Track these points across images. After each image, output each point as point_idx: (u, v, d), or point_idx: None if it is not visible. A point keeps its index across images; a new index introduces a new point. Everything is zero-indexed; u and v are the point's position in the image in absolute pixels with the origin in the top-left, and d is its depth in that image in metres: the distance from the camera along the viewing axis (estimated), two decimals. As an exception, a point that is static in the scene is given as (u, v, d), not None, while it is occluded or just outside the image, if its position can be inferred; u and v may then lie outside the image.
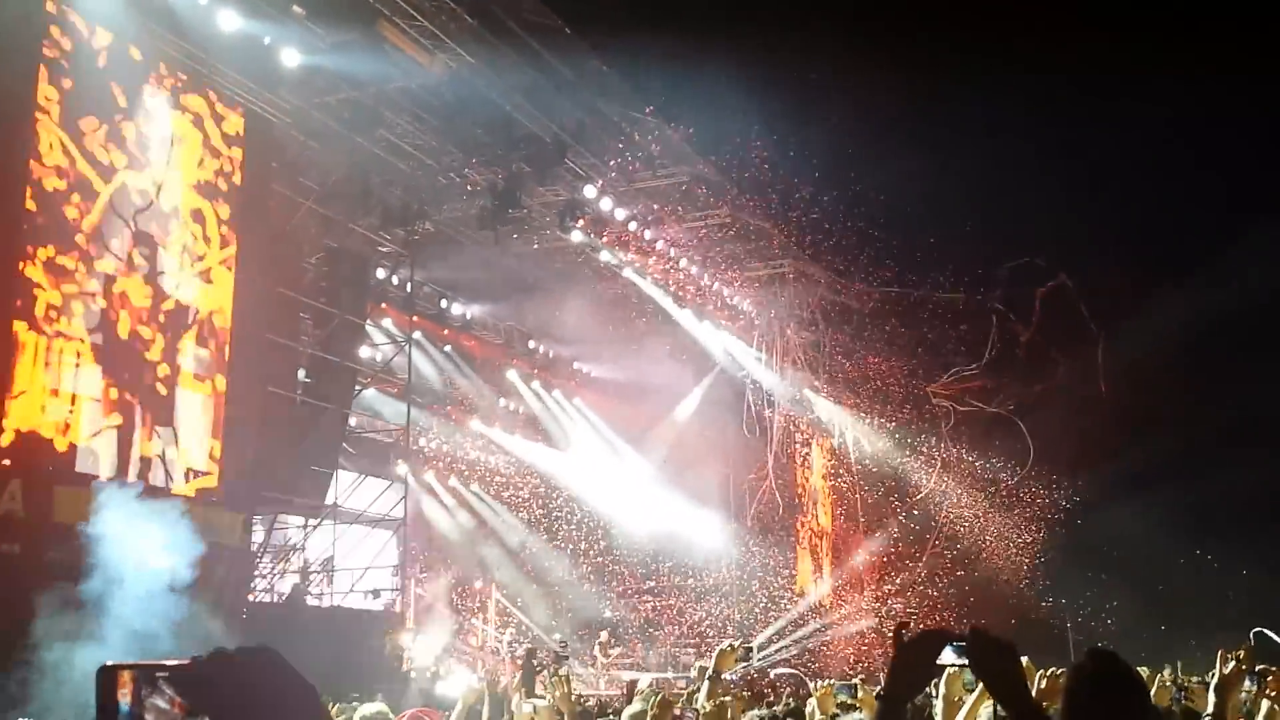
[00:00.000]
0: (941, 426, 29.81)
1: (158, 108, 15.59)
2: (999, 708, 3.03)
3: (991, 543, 30.55)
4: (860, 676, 10.98)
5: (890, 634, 2.88)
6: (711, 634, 26.46)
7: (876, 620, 28.28)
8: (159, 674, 1.66)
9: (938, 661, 2.77)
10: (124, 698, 1.65)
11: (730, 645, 6.43)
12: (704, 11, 23.53)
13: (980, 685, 4.89)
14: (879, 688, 2.84)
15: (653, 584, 29.95)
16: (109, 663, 1.66)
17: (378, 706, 7.07)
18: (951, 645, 2.76)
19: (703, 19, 22.99)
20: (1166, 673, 7.52)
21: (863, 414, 30.44)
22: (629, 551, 29.84)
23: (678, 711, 5.56)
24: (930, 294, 27.41)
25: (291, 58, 17.21)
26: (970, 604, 29.27)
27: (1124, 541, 28.97)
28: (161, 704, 1.66)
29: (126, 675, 1.66)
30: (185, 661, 1.67)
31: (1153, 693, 6.88)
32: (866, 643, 27.82)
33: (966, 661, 2.76)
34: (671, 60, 20.39)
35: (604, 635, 24.85)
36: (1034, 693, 5.92)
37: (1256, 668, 4.55)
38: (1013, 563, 30.36)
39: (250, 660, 1.67)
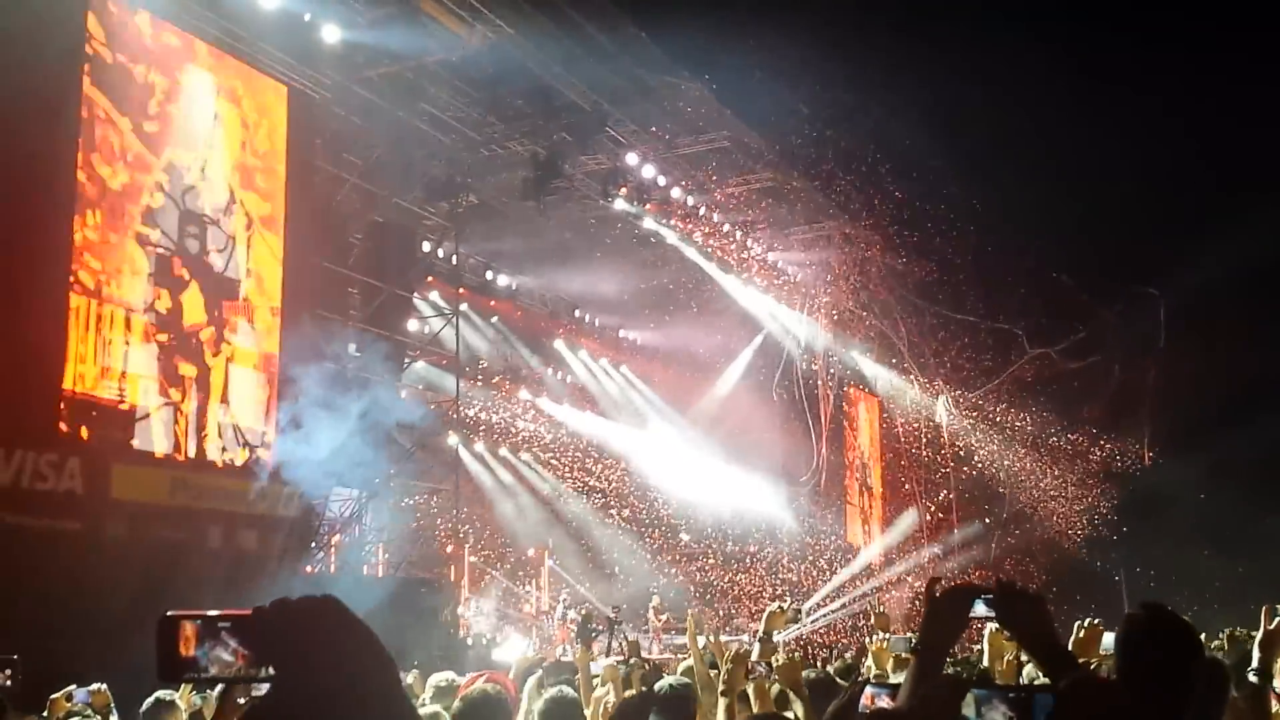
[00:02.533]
0: (989, 387, 29.65)
1: (201, 87, 15.73)
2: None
3: (1047, 499, 30.34)
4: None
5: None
6: (765, 597, 26.50)
7: (927, 580, 28.13)
8: (221, 624, 1.66)
9: (970, 614, 2.85)
10: (186, 648, 1.67)
11: (779, 607, 6.48)
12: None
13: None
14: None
15: (705, 548, 30.00)
16: (170, 612, 1.67)
17: (448, 675, 7.18)
18: (981, 598, 2.84)
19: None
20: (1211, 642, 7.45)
21: (911, 376, 30.25)
22: (680, 516, 29.92)
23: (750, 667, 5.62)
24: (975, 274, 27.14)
25: (332, 33, 17.26)
26: (1026, 561, 29.14)
27: (1180, 496, 28.68)
28: (224, 655, 1.66)
29: (188, 625, 1.67)
30: (246, 611, 1.66)
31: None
32: (921, 601, 27.73)
33: (994, 613, 2.85)
34: (710, 23, 20.24)
35: (656, 600, 24.95)
36: (1071, 644, 5.91)
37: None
38: (1068, 519, 30.15)
39: (312, 608, 1.66)
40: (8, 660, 6.60)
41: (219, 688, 4.94)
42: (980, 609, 2.83)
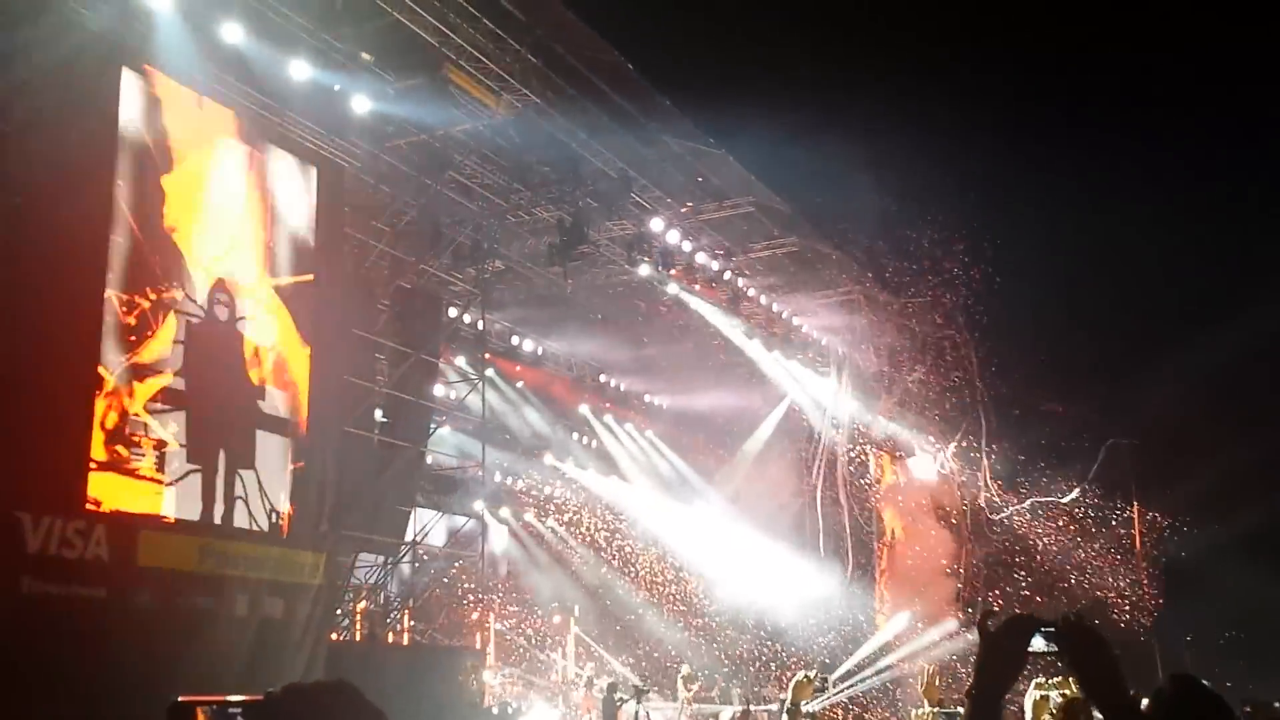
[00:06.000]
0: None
1: (233, 158, 15.94)
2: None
3: (1077, 569, 29.98)
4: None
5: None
6: (792, 667, 26.18)
7: (980, 614, 27.72)
8: (232, 709, 1.66)
9: (1028, 649, 2.67)
10: None
11: (806, 676, 6.43)
12: (767, 43, 23.53)
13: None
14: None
15: (731, 618, 29.73)
16: (181, 698, 1.66)
17: None
18: (1040, 632, 2.66)
19: (766, 50, 23.00)
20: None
21: (939, 442, 30.06)
22: (705, 585, 29.69)
23: None
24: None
25: (361, 104, 17.49)
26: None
27: (1215, 567, 28.34)
28: None
29: (200, 712, 1.66)
30: (259, 697, 1.66)
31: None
32: (951, 670, 27.35)
33: (1056, 648, 2.65)
34: (736, 90, 20.44)
35: (685, 669, 24.71)
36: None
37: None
38: (1099, 589, 29.76)
39: (324, 694, 1.65)
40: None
41: None
42: (1039, 643, 2.64)
